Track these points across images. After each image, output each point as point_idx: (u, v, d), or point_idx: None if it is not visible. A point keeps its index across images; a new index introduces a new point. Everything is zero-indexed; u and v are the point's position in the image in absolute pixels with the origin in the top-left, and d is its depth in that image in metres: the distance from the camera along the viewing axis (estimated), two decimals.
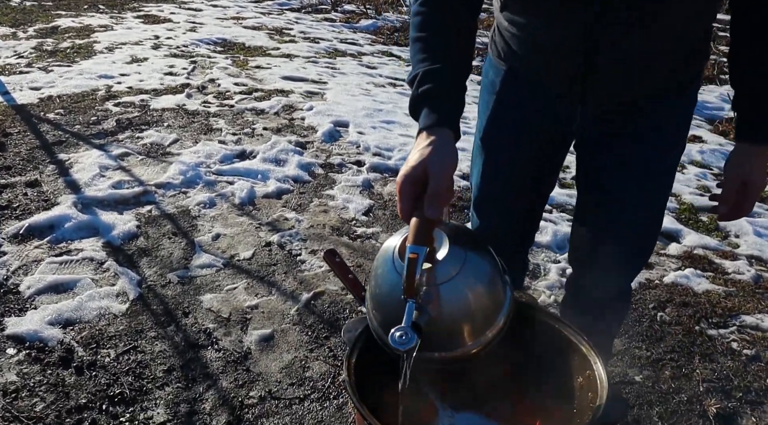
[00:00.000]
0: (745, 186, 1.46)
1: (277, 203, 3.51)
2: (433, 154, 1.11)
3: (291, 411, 2.15)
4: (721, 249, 3.42)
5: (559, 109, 1.53)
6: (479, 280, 1.11)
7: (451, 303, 1.08)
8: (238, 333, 2.49)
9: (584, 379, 1.32)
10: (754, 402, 2.28)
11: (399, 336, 0.99)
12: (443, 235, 1.11)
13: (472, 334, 1.13)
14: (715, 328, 2.70)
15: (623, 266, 1.69)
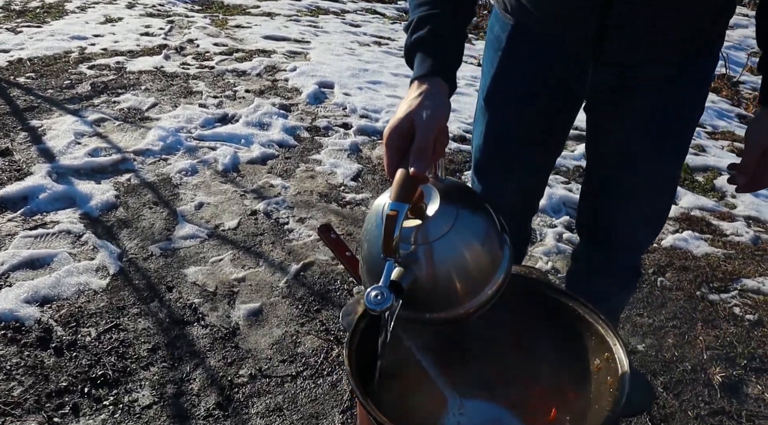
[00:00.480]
0: (767, 155, 1.35)
1: (262, 169, 3.37)
2: (421, 105, 1.03)
3: (283, 390, 2.06)
4: (719, 211, 3.35)
5: (570, 66, 1.40)
6: (474, 236, 1.05)
7: (445, 261, 1.02)
8: (225, 307, 2.39)
9: (602, 362, 1.23)
10: (759, 369, 2.22)
11: (374, 297, 0.94)
12: (434, 191, 1.05)
13: (469, 293, 1.07)
14: (716, 293, 2.63)
15: (635, 236, 1.59)
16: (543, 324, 1.32)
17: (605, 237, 1.59)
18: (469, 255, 1.04)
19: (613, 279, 1.66)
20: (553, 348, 1.31)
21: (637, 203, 1.52)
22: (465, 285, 1.06)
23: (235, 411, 1.97)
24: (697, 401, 2.06)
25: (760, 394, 2.11)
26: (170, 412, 1.94)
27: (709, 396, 2.09)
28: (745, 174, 1.38)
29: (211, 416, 1.95)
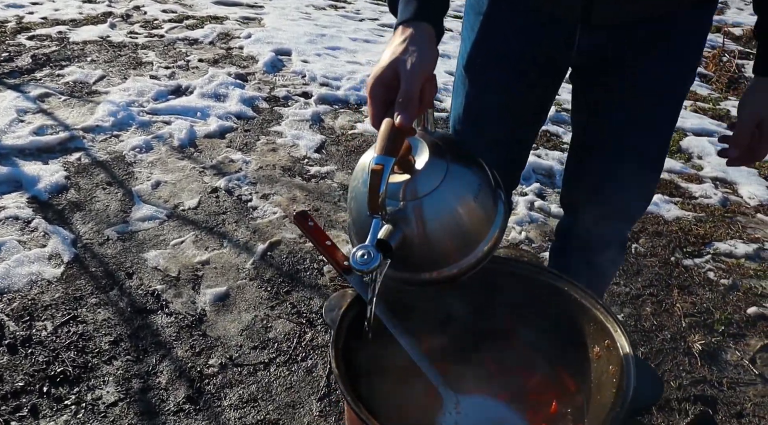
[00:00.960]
0: (761, 127, 1.28)
1: (221, 143, 3.22)
2: (405, 51, 0.96)
3: (256, 379, 1.96)
4: (686, 173, 3.33)
5: (556, 29, 1.31)
6: (466, 191, 1.00)
7: (436, 217, 0.97)
8: (190, 293, 2.27)
9: (602, 349, 1.16)
10: (737, 335, 2.21)
11: (360, 256, 0.90)
12: (423, 144, 1.00)
13: (462, 251, 1.03)
14: (690, 258, 2.61)
15: (627, 209, 1.53)
16: (537, 311, 1.25)
17: (595, 211, 1.52)
18: (462, 211, 1.00)
19: (602, 255, 1.59)
20: (549, 335, 1.24)
21: (628, 174, 1.45)
22: (458, 242, 1.01)
23: (207, 403, 1.87)
24: (679, 371, 2.04)
25: (739, 360, 2.10)
26: (137, 409, 1.83)
27: (690, 365, 2.07)
28: (738, 147, 1.32)
29: (182, 410, 1.85)
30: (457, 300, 1.28)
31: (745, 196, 3.18)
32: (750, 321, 2.26)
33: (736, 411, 1.90)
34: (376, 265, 0.90)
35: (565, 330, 1.22)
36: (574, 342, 1.21)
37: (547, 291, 1.24)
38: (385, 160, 0.88)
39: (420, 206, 0.96)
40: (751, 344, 2.17)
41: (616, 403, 1.04)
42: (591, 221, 1.57)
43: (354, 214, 1.07)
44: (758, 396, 1.96)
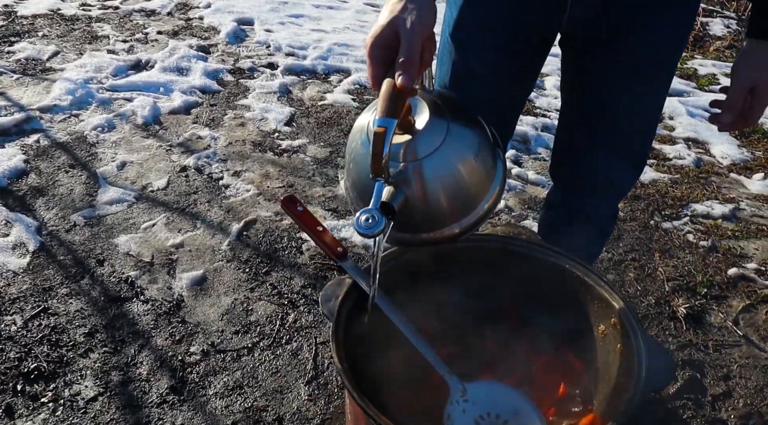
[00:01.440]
0: (755, 92, 1.25)
1: (187, 119, 3.11)
2: (404, 9, 0.92)
3: (240, 365, 1.91)
4: (659, 134, 3.33)
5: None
6: (467, 150, 1.00)
7: (438, 177, 0.97)
8: (166, 278, 2.19)
9: (608, 327, 1.14)
10: (719, 296, 2.22)
11: (365, 220, 0.89)
12: (422, 103, 1.00)
13: (464, 210, 1.04)
14: (669, 221, 2.61)
15: (621, 180, 1.49)
16: (538, 290, 1.21)
17: (587, 183, 1.48)
18: (463, 170, 1.00)
19: (594, 226, 1.56)
20: (552, 315, 1.20)
21: (621, 144, 1.42)
22: (459, 201, 1.02)
23: (191, 393, 1.82)
24: (665, 336, 2.04)
25: (723, 322, 2.11)
26: (119, 402, 1.77)
27: (676, 329, 2.07)
28: (732, 112, 1.28)
29: (166, 402, 1.79)
30: (455, 283, 1.24)
31: (717, 156, 3.19)
32: (731, 282, 2.27)
33: (723, 374, 1.91)
34: (380, 229, 0.89)
35: (568, 309, 1.19)
36: (579, 321, 1.18)
37: (547, 269, 1.21)
38: (388, 122, 0.86)
39: (422, 167, 0.96)
40: (734, 305, 2.18)
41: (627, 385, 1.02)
42: (583, 193, 1.54)
43: (353, 177, 1.05)
44: (743, 358, 1.98)
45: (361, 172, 1.01)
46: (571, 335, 1.18)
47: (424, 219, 1.02)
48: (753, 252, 2.43)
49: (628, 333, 1.08)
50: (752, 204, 2.76)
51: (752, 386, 1.87)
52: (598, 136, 1.41)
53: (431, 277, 1.24)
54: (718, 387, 1.87)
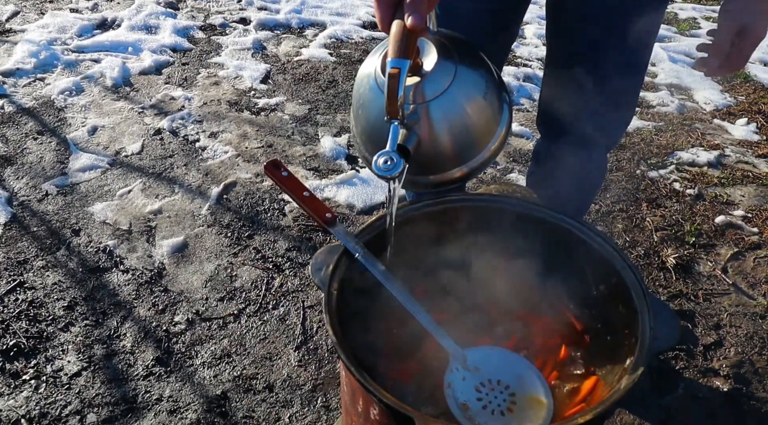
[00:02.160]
0: (742, 35, 1.19)
1: (158, 80, 2.99)
2: None
3: (227, 332, 1.86)
4: None
5: None
6: (475, 90, 1.01)
7: (448, 118, 0.98)
8: (145, 246, 2.12)
9: (608, 288, 1.10)
10: (707, 245, 2.20)
11: (383, 163, 0.90)
12: (430, 45, 0.99)
13: (473, 149, 1.04)
14: (655, 170, 2.58)
15: (610, 129, 1.45)
16: (536, 251, 1.17)
17: (576, 133, 1.43)
18: (472, 111, 1.01)
19: (583, 179, 1.53)
20: (549, 275, 1.16)
21: (610, 90, 1.37)
22: (468, 142, 1.03)
23: (178, 364, 1.77)
24: (656, 287, 2.03)
25: (711, 271, 2.10)
26: (104, 376, 1.72)
27: (666, 280, 2.06)
28: (718, 56, 1.23)
29: (152, 374, 1.74)
30: (449, 245, 1.20)
31: (700, 102, 3.16)
32: (718, 230, 2.26)
33: (714, 323, 1.91)
34: (400, 170, 0.89)
35: (566, 269, 1.15)
36: (578, 281, 1.14)
37: (543, 228, 1.16)
38: (401, 63, 0.86)
39: (432, 109, 0.96)
40: (722, 253, 2.17)
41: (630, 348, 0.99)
42: (572, 144, 1.49)
43: (363, 124, 1.06)
44: (733, 306, 1.97)
45: (371, 117, 1.03)
46: (571, 296, 1.14)
47: (433, 161, 1.03)
48: (739, 199, 2.41)
49: (630, 294, 1.04)
50: (737, 150, 2.74)
51: (742, 334, 1.87)
52: (585, 82, 1.36)
53: (424, 240, 1.19)
54: (709, 336, 1.86)
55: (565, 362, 1.08)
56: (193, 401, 1.68)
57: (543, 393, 1.03)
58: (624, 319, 1.05)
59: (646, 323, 0.99)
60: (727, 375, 1.75)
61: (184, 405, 1.67)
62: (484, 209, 1.19)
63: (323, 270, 1.07)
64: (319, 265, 1.08)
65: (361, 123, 1.07)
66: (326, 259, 1.08)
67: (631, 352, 0.98)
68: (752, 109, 3.07)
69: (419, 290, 1.16)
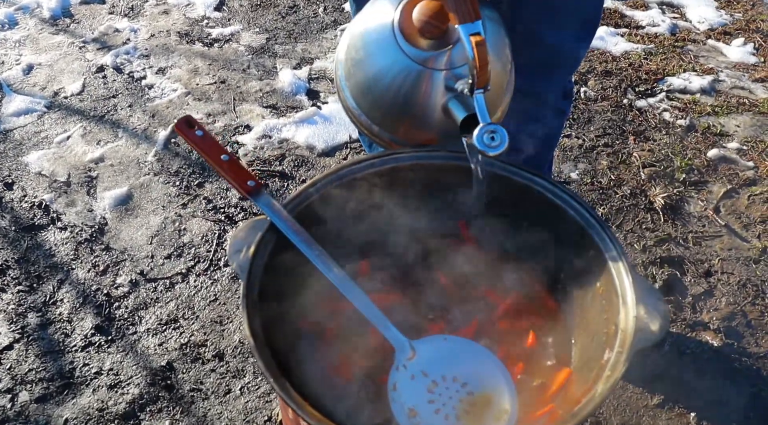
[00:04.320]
0: None
1: (101, 9, 2.72)
2: None
3: (174, 294, 1.70)
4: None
5: None
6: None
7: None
8: (85, 199, 1.93)
9: (585, 262, 0.93)
10: (699, 182, 2.03)
11: (489, 138, 0.82)
12: None
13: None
14: (643, 98, 2.38)
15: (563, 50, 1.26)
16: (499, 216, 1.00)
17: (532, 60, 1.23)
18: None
19: (548, 108, 1.35)
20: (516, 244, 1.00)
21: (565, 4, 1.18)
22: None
23: (120, 332, 1.62)
24: (642, 230, 1.87)
25: (702, 211, 1.94)
26: (38, 349, 1.57)
27: (653, 222, 1.90)
28: None
29: (91, 344, 1.59)
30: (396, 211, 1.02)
31: (694, 20, 2.92)
32: (711, 165, 2.09)
33: (704, 269, 1.76)
34: (505, 148, 0.82)
35: (535, 237, 0.98)
36: (549, 253, 0.97)
37: (508, 188, 0.98)
38: (479, 27, 0.82)
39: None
40: (714, 191, 2.00)
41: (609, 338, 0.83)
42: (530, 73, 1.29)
43: (361, 79, 0.99)
44: (725, 250, 1.82)
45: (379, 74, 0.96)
46: (540, 271, 0.98)
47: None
48: (734, 130, 2.23)
49: (610, 270, 0.87)
50: (732, 74, 2.53)
51: (735, 282, 1.73)
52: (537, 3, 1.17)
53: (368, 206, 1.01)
54: (699, 285, 1.72)
55: (533, 351, 0.92)
56: (135, 374, 1.54)
57: (506, 392, 0.87)
58: (602, 302, 0.88)
59: (629, 310, 0.82)
60: (717, 329, 1.61)
61: (125, 378, 1.53)
62: (438, 168, 1.00)
63: (243, 252, 0.89)
64: (238, 246, 0.90)
65: (359, 79, 1.00)
66: (247, 238, 0.91)
67: (610, 344, 0.82)
68: (749, 27, 2.84)
69: (363, 268, 0.98)
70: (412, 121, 0.98)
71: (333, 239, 0.96)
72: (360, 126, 1.04)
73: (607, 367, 0.78)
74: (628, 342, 0.79)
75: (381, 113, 1.00)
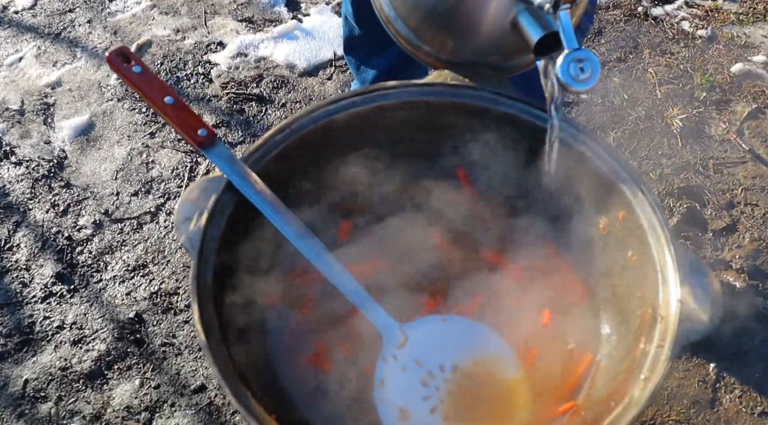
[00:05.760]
0: None
1: None
2: None
3: (143, 235, 1.55)
4: None
5: None
6: None
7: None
8: (42, 129, 1.74)
9: (613, 222, 0.77)
10: (721, 101, 1.84)
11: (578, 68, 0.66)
12: None
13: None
14: (660, 5, 2.14)
15: None
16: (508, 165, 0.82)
17: None
18: None
19: None
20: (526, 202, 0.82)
21: None
22: None
23: (84, 280, 1.47)
24: (658, 157, 1.70)
25: (724, 134, 1.76)
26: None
27: (670, 148, 1.72)
28: None
29: (52, 294, 1.45)
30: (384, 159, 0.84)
31: None
32: (734, 81, 1.89)
33: (726, 201, 1.60)
34: (596, 83, 0.67)
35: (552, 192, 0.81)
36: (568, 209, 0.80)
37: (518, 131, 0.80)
38: None
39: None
40: (738, 111, 1.81)
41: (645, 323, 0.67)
42: None
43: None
44: (749, 178, 1.66)
45: None
46: (556, 232, 0.81)
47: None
48: (761, 41, 2.01)
49: (646, 236, 0.71)
50: None
51: (759, 215, 1.57)
52: None
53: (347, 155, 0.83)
54: (721, 219, 1.56)
55: (549, 333, 0.77)
56: (101, 327, 1.40)
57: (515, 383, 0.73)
58: (635, 275, 0.72)
59: (670, 291, 0.66)
60: (740, 269, 1.47)
61: (90, 333, 1.40)
62: (434, 106, 0.82)
63: (193, 220, 0.72)
64: (188, 212, 0.73)
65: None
66: (199, 202, 0.73)
67: (646, 332, 0.67)
68: None
69: (343, 231, 0.82)
70: (467, 36, 0.80)
71: (306, 198, 0.79)
72: (398, 37, 0.85)
73: (645, 366, 0.63)
74: (670, 335, 0.63)
75: (427, 22, 0.81)
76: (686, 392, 1.32)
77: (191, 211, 0.73)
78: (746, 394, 1.32)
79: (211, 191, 0.74)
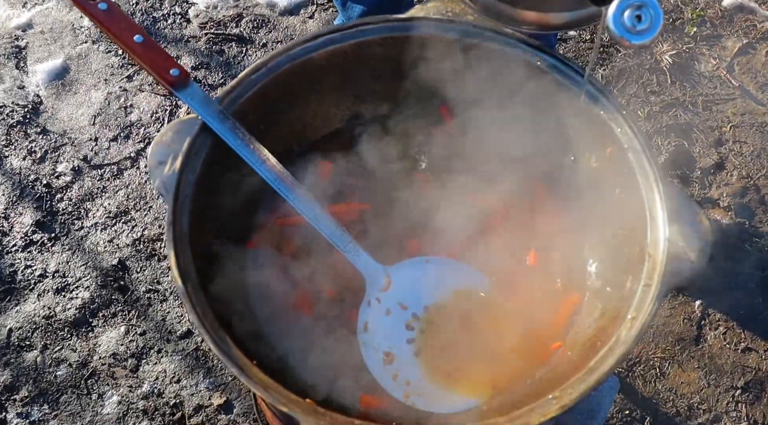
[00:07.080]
0: None
1: None
2: None
3: (124, 181, 1.52)
4: None
5: None
6: None
7: None
8: (14, 74, 1.69)
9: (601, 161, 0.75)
10: (711, 36, 1.80)
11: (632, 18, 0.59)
12: None
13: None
14: None
15: None
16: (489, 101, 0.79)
17: None
18: None
19: None
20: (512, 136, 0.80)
21: None
22: None
23: (64, 228, 1.45)
24: (646, 94, 1.67)
25: (714, 71, 1.72)
26: None
27: (659, 85, 1.69)
28: None
29: (33, 243, 1.42)
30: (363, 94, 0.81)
31: None
32: (726, 15, 1.84)
33: (715, 138, 1.58)
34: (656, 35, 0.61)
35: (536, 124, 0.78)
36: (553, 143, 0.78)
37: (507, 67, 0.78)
38: None
39: None
40: (728, 46, 1.78)
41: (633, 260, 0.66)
42: None
43: None
44: (738, 114, 1.63)
45: None
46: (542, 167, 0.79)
47: None
48: None
49: (634, 173, 0.69)
50: None
51: (748, 152, 1.56)
52: None
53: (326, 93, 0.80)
54: (709, 157, 1.55)
55: (535, 272, 0.76)
56: (84, 275, 1.39)
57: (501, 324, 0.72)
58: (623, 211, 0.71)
59: (658, 229, 0.65)
60: (727, 207, 1.46)
61: (73, 281, 1.38)
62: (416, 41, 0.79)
63: (168, 164, 0.69)
64: (162, 155, 0.70)
65: None
66: (173, 145, 0.71)
67: (633, 271, 0.66)
68: None
69: (323, 170, 0.79)
70: None
71: (284, 139, 0.76)
72: None
73: (632, 306, 0.62)
74: (657, 274, 0.62)
75: None
76: (672, 329, 1.33)
77: (165, 154, 0.70)
78: (730, 331, 1.33)
79: (185, 133, 0.71)
